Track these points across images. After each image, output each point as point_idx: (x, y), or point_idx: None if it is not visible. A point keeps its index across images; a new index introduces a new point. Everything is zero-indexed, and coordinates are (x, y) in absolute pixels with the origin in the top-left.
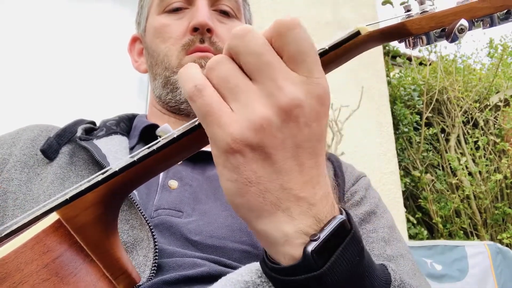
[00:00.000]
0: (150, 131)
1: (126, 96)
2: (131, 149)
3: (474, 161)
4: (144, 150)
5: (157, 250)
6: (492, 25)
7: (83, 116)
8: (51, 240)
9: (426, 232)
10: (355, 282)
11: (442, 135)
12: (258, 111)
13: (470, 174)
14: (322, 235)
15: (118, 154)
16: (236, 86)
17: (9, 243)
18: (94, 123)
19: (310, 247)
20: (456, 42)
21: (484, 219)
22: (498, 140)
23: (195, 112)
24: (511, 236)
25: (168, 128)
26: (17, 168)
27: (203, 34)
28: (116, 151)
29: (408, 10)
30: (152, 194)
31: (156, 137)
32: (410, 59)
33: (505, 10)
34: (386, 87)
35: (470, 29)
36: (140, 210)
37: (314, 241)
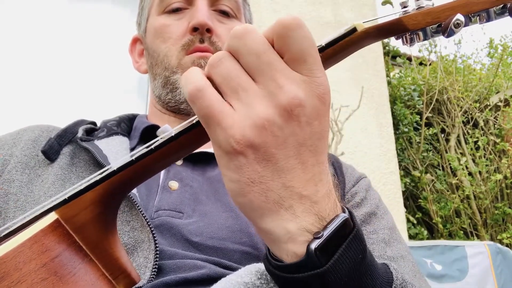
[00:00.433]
0: (150, 132)
1: (126, 96)
2: (132, 149)
3: (474, 161)
4: (142, 149)
5: (158, 252)
6: (488, 20)
7: (84, 116)
8: (50, 239)
9: (426, 232)
10: (358, 280)
11: (442, 135)
12: (260, 111)
13: (470, 174)
14: (326, 233)
15: (119, 155)
16: (238, 85)
17: (7, 243)
18: (95, 124)
19: (314, 245)
20: (452, 37)
21: (484, 219)
22: (498, 140)
23: (196, 114)
24: (511, 236)
25: (168, 129)
26: (18, 169)
27: (203, 34)
28: (117, 152)
29: (404, 7)
30: (152, 195)
31: (156, 137)
32: (410, 59)
33: (501, 5)
34: (386, 87)
35: (467, 24)
36: (141, 212)
37: (318, 238)
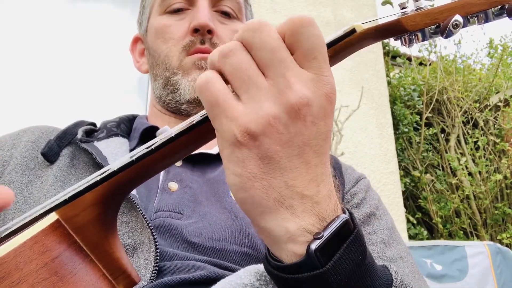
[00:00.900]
0: (150, 133)
1: (126, 96)
2: (132, 151)
3: (474, 161)
4: (142, 150)
5: (158, 253)
6: (486, 20)
7: (83, 116)
8: (50, 239)
9: (426, 232)
10: (357, 281)
11: (442, 135)
12: (267, 108)
13: (470, 174)
14: (326, 234)
15: (118, 156)
16: (248, 78)
17: (8, 243)
18: (94, 125)
19: (314, 245)
20: (450, 37)
21: (484, 219)
22: (498, 140)
23: (203, 103)
24: (511, 236)
25: (168, 130)
26: (17, 170)
27: (204, 35)
28: (116, 153)
29: (403, 8)
30: (152, 196)
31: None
32: (410, 59)
33: (499, 6)
34: (386, 87)
35: (465, 25)
36: (141, 213)
37: (318, 239)
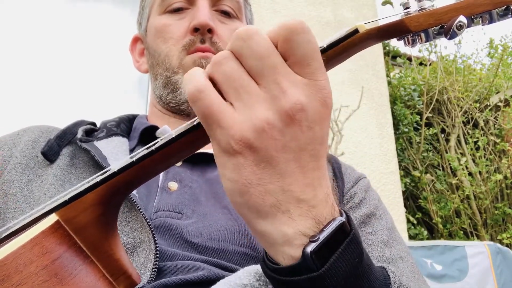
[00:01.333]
0: (150, 133)
1: (126, 96)
2: (131, 150)
3: (474, 161)
4: (142, 151)
5: (158, 252)
6: (491, 21)
7: (83, 116)
8: (50, 241)
9: (426, 232)
10: (354, 283)
11: (442, 135)
12: (261, 114)
13: (470, 174)
14: (321, 237)
15: (118, 155)
16: (240, 87)
17: (8, 245)
18: (94, 124)
19: (309, 248)
20: (454, 38)
21: (484, 219)
22: (498, 140)
23: (196, 113)
24: (511, 236)
25: (167, 129)
26: (17, 170)
27: (204, 35)
28: (116, 153)
29: (406, 8)
30: (152, 196)
31: (156, 138)
32: (410, 59)
33: (504, 6)
34: (386, 87)
35: (469, 26)
36: (141, 212)
37: (313, 242)
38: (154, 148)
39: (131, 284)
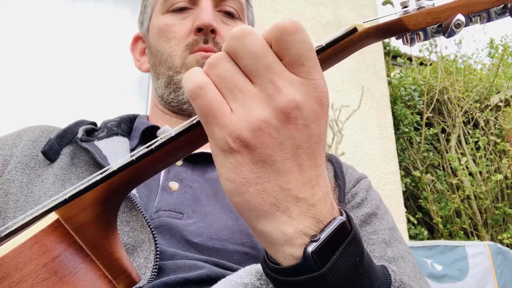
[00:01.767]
0: (151, 133)
1: (126, 96)
2: (132, 150)
3: (474, 161)
4: (142, 149)
5: (158, 252)
6: (489, 20)
7: (84, 116)
8: (50, 239)
9: (426, 232)
10: (355, 283)
11: (443, 135)
12: (256, 113)
13: (470, 174)
14: (322, 236)
15: (119, 155)
16: (235, 87)
17: (8, 243)
18: (95, 124)
19: (310, 248)
20: (452, 37)
21: (484, 219)
22: (498, 140)
23: (196, 110)
24: None
25: (168, 129)
26: (18, 169)
27: (207, 35)
28: (117, 153)
29: (405, 7)
30: (152, 196)
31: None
32: (410, 59)
33: (501, 5)
34: (386, 87)
35: (467, 24)
36: (141, 212)
37: (314, 242)
38: (154, 146)
39: (131, 282)
